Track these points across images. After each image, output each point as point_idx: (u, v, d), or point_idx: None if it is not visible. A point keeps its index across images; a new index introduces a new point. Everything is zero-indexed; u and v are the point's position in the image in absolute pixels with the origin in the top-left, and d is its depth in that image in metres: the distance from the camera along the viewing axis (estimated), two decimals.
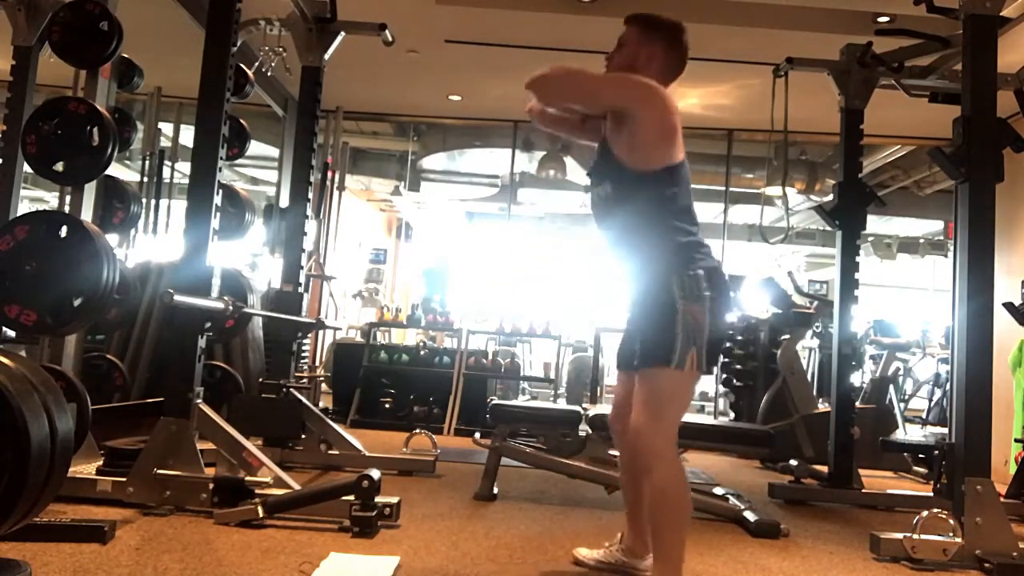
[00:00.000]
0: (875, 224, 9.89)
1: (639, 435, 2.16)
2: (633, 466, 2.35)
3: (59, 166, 3.05)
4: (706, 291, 2.17)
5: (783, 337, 5.17)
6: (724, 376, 6.20)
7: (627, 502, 2.47)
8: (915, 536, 2.82)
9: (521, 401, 6.65)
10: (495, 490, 3.54)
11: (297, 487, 2.86)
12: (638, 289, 2.31)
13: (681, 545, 2.15)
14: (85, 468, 2.94)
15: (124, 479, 2.81)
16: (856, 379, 4.75)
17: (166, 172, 6.26)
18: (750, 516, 3.20)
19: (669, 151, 2.23)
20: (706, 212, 9.42)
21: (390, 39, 4.28)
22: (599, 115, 2.39)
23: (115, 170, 3.35)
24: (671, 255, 2.20)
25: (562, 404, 6.25)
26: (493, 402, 3.88)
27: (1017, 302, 3.87)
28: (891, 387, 6.04)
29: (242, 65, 4.15)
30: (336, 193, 6.68)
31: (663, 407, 2.17)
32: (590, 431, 3.62)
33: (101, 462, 3.01)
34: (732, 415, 6.34)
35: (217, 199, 3.11)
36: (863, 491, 4.03)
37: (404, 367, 6.56)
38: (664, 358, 2.14)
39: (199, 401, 2.99)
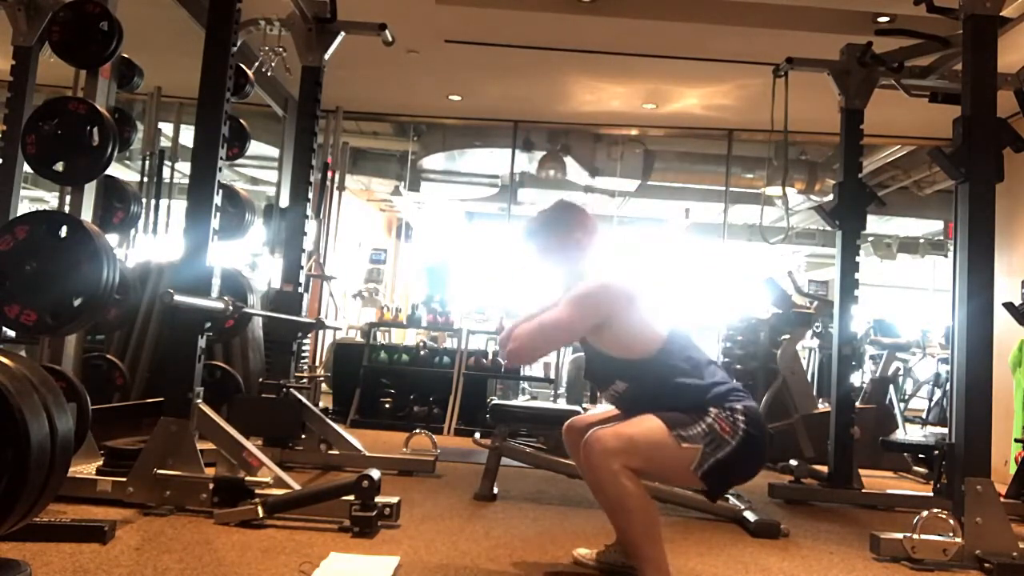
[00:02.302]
0: (875, 224, 9.88)
1: (599, 444, 2.09)
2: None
3: (59, 166, 3.05)
4: (743, 423, 2.13)
5: (783, 337, 5.17)
6: None
7: (601, 505, 2.46)
8: (915, 536, 2.82)
9: (521, 401, 6.66)
10: (495, 490, 3.54)
11: (297, 487, 2.86)
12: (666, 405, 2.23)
13: (658, 546, 2.13)
14: (85, 468, 2.94)
15: (124, 479, 2.81)
16: (856, 379, 4.75)
17: (166, 172, 6.26)
18: (750, 516, 3.20)
19: (654, 333, 2.25)
20: (706, 212, 9.44)
21: (390, 39, 4.28)
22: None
23: (115, 170, 3.35)
24: (708, 397, 2.17)
25: (562, 404, 6.25)
26: (493, 402, 3.89)
27: (1017, 302, 3.86)
28: (891, 387, 6.05)
29: (242, 65, 4.15)
30: (336, 193, 6.68)
31: (639, 449, 2.11)
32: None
33: (101, 462, 3.01)
34: None
35: (217, 199, 3.11)
36: (863, 491, 4.03)
37: (404, 367, 6.56)
38: (673, 424, 2.11)
39: (199, 401, 2.99)
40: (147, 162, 6.20)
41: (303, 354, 5.38)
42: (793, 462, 4.25)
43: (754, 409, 2.19)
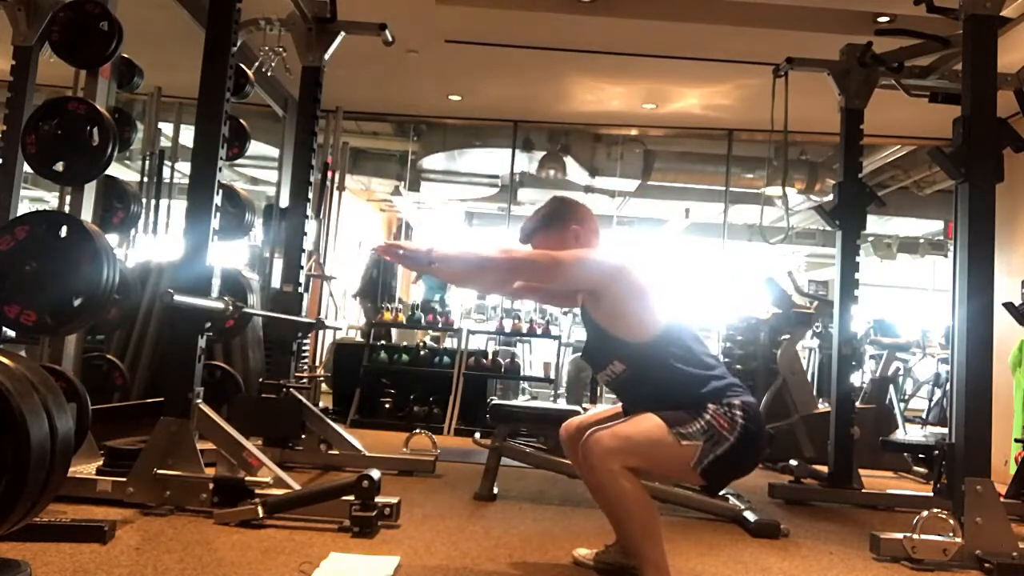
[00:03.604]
0: (875, 224, 9.89)
1: (598, 446, 2.08)
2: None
3: (59, 166, 3.05)
4: (740, 418, 2.12)
5: (783, 337, 5.17)
6: None
7: (601, 506, 2.46)
8: (915, 536, 2.82)
9: (521, 401, 6.65)
10: (495, 490, 3.54)
11: (297, 487, 2.86)
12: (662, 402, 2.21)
13: (659, 546, 2.13)
14: (85, 468, 2.94)
15: (124, 479, 2.81)
16: (856, 379, 4.75)
17: (166, 172, 6.26)
18: (750, 516, 3.19)
19: (654, 319, 2.22)
20: (706, 212, 9.44)
21: (390, 39, 4.28)
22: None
23: (115, 170, 3.35)
24: (705, 391, 2.16)
25: (562, 404, 6.25)
26: (493, 402, 3.89)
27: (1017, 302, 3.86)
28: (891, 387, 6.05)
29: (242, 65, 4.15)
30: (336, 193, 6.68)
31: (639, 448, 2.10)
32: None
33: (101, 462, 3.01)
34: None
35: (217, 199, 3.11)
36: (863, 491, 4.03)
37: (404, 367, 6.56)
38: (672, 422, 2.10)
39: (199, 401, 2.99)
40: (147, 162, 6.19)
41: (303, 354, 5.38)
42: (793, 462, 4.25)
43: (752, 404, 2.18)
